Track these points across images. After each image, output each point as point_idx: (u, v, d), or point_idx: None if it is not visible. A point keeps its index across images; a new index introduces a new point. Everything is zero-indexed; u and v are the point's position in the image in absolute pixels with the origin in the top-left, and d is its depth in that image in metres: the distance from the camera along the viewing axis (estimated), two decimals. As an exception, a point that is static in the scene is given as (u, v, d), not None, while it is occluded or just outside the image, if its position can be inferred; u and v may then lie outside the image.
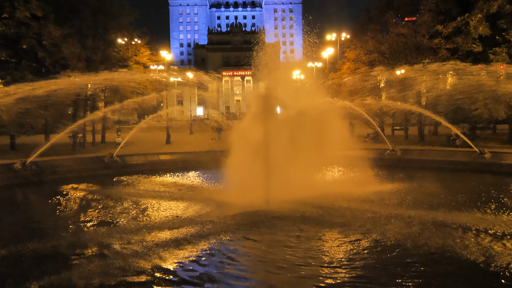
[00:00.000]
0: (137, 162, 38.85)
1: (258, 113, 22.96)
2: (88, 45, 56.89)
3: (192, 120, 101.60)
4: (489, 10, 48.60)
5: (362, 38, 62.87)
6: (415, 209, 20.51)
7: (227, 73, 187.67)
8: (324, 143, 24.10)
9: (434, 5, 52.80)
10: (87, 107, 58.96)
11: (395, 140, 52.99)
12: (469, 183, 29.32)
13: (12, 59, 51.04)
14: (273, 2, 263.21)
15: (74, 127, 42.96)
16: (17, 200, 28.36)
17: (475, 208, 20.91)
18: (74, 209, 23.71)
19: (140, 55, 70.14)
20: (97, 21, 58.09)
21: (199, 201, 23.44)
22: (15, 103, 30.33)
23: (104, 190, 27.95)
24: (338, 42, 78.40)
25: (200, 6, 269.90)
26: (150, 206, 23.14)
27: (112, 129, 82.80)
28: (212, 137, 63.42)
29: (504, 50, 49.47)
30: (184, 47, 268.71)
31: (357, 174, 29.84)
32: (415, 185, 27.30)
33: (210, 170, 31.13)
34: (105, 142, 64.03)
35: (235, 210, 20.37)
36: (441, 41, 52.97)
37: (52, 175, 33.15)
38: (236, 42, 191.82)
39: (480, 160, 34.64)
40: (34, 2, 48.24)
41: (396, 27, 57.64)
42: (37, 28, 49.48)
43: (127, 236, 17.02)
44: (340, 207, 20.98)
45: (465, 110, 44.40)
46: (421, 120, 54.50)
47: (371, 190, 24.90)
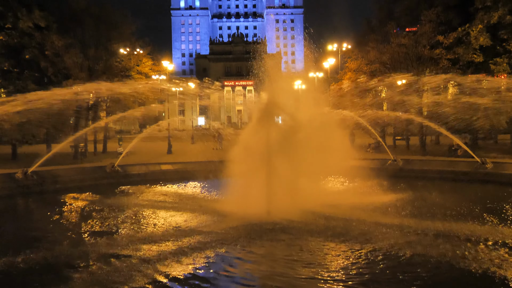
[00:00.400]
0: (139, 172, 38.80)
1: (260, 123, 22.95)
2: (90, 55, 57.18)
3: (194, 129, 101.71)
4: (490, 20, 48.78)
5: (363, 48, 63.07)
6: (418, 220, 20.39)
7: (228, 83, 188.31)
8: (326, 153, 24.07)
9: (435, 15, 53.00)
10: (89, 116, 59.13)
11: (397, 150, 53.02)
12: (471, 194, 29.21)
13: (15, 69, 51.27)
14: (275, 12, 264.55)
15: (76, 137, 43.00)
16: (18, 210, 28.31)
17: (478, 219, 20.80)
18: (75, 219, 23.66)
19: (142, 65, 70.42)
20: (100, 31, 58.46)
21: (200, 211, 23.36)
22: (18, 113, 30.43)
23: (105, 200, 27.88)
24: (339, 52, 78.68)
25: (202, 16, 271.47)
26: (151, 217, 23.07)
27: (113, 139, 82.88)
28: (213, 146, 63.43)
29: (505, 61, 49.59)
30: (186, 57, 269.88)
31: (359, 184, 29.76)
32: (417, 196, 27.19)
33: (212, 180, 31.08)
34: (107, 151, 64.11)
35: (237, 221, 20.28)
36: (442, 51, 53.10)
37: (53, 184, 33.11)
38: (238, 52, 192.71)
39: (482, 171, 34.52)
40: (37, 12, 48.60)
41: (397, 38, 57.80)
42: (40, 38, 49.77)
43: (128, 247, 16.93)
44: (343, 218, 20.85)
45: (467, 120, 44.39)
46: (422, 130, 54.47)
47: (373, 201, 24.80)
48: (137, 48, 69.16)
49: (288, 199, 21.93)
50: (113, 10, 61.40)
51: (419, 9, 55.72)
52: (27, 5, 48.86)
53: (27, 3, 49.09)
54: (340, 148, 25.63)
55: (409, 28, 61.73)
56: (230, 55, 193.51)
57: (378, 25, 62.53)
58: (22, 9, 47.95)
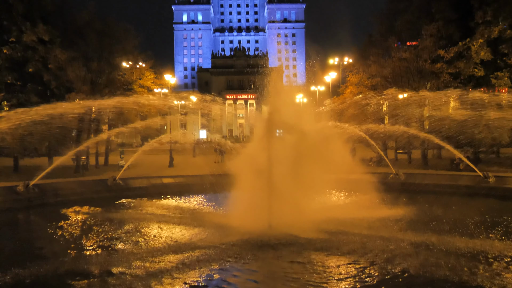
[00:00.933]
0: (140, 185, 38.74)
1: (262, 137, 22.93)
2: (93, 68, 57.43)
3: (195, 143, 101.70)
4: (490, 35, 49.03)
5: (365, 62, 63.31)
6: (420, 234, 20.23)
7: (230, 97, 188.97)
8: (327, 167, 24.00)
9: (436, 30, 53.26)
10: (91, 129, 59.18)
11: (399, 164, 52.87)
12: (474, 208, 29.01)
13: (18, 82, 51.49)
14: (276, 27, 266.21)
15: (78, 150, 43.02)
16: (18, 223, 28.24)
17: (482, 234, 20.67)
18: (76, 232, 23.56)
19: (145, 78, 70.72)
20: (103, 45, 58.76)
21: (201, 225, 23.26)
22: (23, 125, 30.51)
23: (106, 214, 27.80)
24: (340, 66, 78.97)
25: (204, 30, 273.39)
26: (152, 230, 22.98)
27: (115, 152, 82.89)
28: (215, 160, 63.39)
29: (506, 75, 49.71)
30: (188, 70, 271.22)
31: (361, 198, 29.65)
32: (419, 210, 27.00)
33: (213, 194, 31.00)
34: (108, 164, 64.07)
35: (238, 235, 20.15)
36: (443, 65, 53.26)
37: (54, 197, 33.07)
38: (240, 66, 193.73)
39: (484, 185, 34.40)
40: (41, 26, 48.96)
41: (398, 52, 58.05)
42: (44, 51, 50.08)
43: (128, 261, 16.85)
44: (345, 232, 20.69)
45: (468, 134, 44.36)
46: (424, 144, 54.38)
47: (375, 215, 24.66)
48: (140, 61, 69.52)
49: (290, 213, 21.79)
50: (116, 24, 61.83)
51: (419, 24, 56.03)
52: (31, 19, 49.25)
53: (31, 17, 49.48)
54: (342, 162, 25.56)
55: (410, 42, 62.03)
56: (232, 69, 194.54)
57: (379, 39, 62.81)
58: (26, 23, 48.34)
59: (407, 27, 59.11)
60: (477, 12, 49.50)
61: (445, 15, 53.15)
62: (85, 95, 53.82)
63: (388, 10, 63.65)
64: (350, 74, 69.11)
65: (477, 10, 49.68)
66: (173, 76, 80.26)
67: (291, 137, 23.57)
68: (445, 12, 53.04)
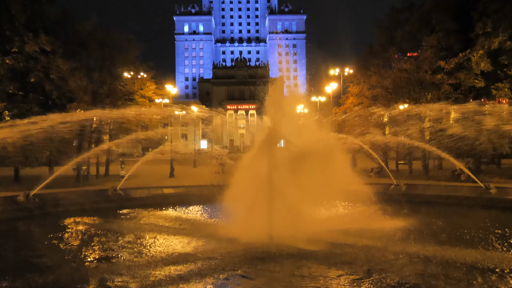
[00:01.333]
0: (141, 195, 38.66)
1: (262, 148, 22.92)
2: (94, 78, 57.64)
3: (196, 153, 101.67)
4: (490, 46, 49.21)
5: (365, 73, 63.53)
6: (422, 246, 20.12)
7: (231, 107, 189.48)
8: (328, 178, 23.93)
9: (436, 41, 53.50)
10: (92, 139, 59.23)
11: (400, 174, 52.80)
12: (475, 219, 28.93)
13: (20, 92, 51.62)
14: (277, 37, 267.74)
15: (79, 160, 42.99)
16: (19, 233, 28.13)
17: (485, 246, 20.56)
18: (76, 243, 23.49)
19: (146, 89, 70.94)
20: (104, 55, 58.99)
21: (201, 236, 23.16)
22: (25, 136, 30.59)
23: (106, 224, 27.72)
24: (341, 77, 79.27)
25: (205, 41, 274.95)
26: (152, 241, 22.90)
27: (116, 162, 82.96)
28: (215, 170, 63.33)
29: (507, 86, 49.79)
30: (189, 80, 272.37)
31: (362, 209, 29.55)
32: (420, 221, 26.90)
33: (213, 204, 30.91)
34: (109, 174, 64.02)
35: (238, 246, 20.05)
36: (444, 76, 53.40)
37: (55, 207, 32.99)
38: (241, 76, 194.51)
39: (486, 196, 34.28)
40: (43, 37, 49.23)
41: (398, 63, 58.24)
42: (45, 62, 50.31)
43: (128, 272, 16.77)
44: (346, 244, 20.57)
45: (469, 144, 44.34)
46: (425, 154, 54.33)
47: (376, 226, 24.58)
48: (141, 72, 69.79)
49: (290, 224, 21.69)
50: (118, 35, 62.20)
51: (420, 35, 56.28)
52: (33, 29, 49.56)
53: (33, 28, 49.80)
54: (342, 173, 25.50)
55: (411, 53, 62.29)
56: (233, 79, 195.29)
57: (380, 50, 63.06)
58: (29, 33, 48.62)
59: (408, 38, 59.39)
60: (477, 24, 49.76)
61: (445, 27, 53.41)
62: (86, 105, 54.00)
63: (389, 21, 63.98)
64: (351, 85, 69.34)
65: (477, 22, 49.94)
66: (174, 87, 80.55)
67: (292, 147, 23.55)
68: (445, 24, 53.33)
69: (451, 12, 54.08)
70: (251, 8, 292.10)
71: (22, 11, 48.44)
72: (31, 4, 50.64)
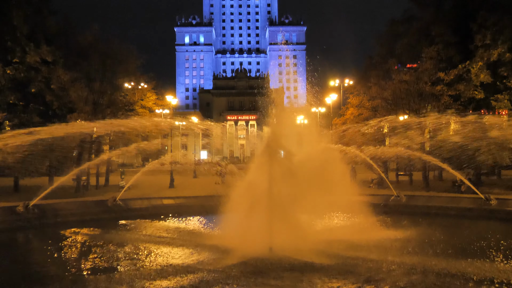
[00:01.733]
0: (140, 206, 38.59)
1: (262, 159, 22.90)
2: (95, 88, 57.70)
3: (196, 163, 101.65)
4: (490, 58, 49.35)
5: (365, 84, 63.67)
6: (423, 259, 20.02)
7: (231, 117, 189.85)
8: (328, 189, 23.91)
9: (435, 52, 53.69)
10: (92, 150, 59.20)
11: (400, 185, 52.66)
12: (476, 231, 28.84)
13: (20, 102, 51.70)
14: (278, 49, 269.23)
15: (79, 170, 42.98)
16: (17, 244, 28.03)
17: (484, 257, 20.46)
18: (75, 254, 23.39)
19: (146, 99, 71.07)
20: (105, 66, 59.14)
21: (201, 248, 23.05)
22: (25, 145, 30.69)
23: (106, 235, 27.64)
24: (341, 88, 79.49)
25: (206, 52, 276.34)
26: (151, 253, 22.79)
27: (116, 172, 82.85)
28: (215, 181, 63.21)
29: (506, 97, 49.86)
30: (189, 91, 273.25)
31: (362, 220, 29.41)
32: (421, 233, 26.81)
33: (213, 215, 30.82)
34: (109, 185, 63.89)
35: (238, 258, 19.92)
36: (443, 88, 53.51)
37: (54, 218, 32.92)
38: (241, 87, 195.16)
39: (486, 207, 34.22)
40: (45, 47, 49.44)
41: (398, 74, 58.37)
42: (46, 72, 50.45)
43: (127, 284, 16.67)
44: (347, 256, 20.44)
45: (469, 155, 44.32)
46: (425, 165, 54.26)
47: (377, 238, 24.46)
48: (142, 82, 69.96)
49: (290, 236, 21.62)
50: (119, 46, 62.41)
51: (419, 46, 56.48)
52: (35, 40, 49.79)
53: (35, 39, 50.03)
54: (342, 184, 25.50)
55: (410, 64, 62.51)
56: (233, 90, 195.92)
57: (380, 62, 63.26)
58: (30, 44, 48.82)
59: (407, 50, 59.64)
60: (476, 36, 49.97)
61: (445, 38, 53.66)
62: (87, 116, 54.07)
63: (388, 33, 64.31)
64: (351, 96, 69.47)
65: (476, 34, 50.16)
66: (174, 97, 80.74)
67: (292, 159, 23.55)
68: (445, 35, 53.57)
69: (451, 24, 54.35)
70: (251, 19, 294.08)
71: (24, 22, 48.71)
72: (33, 15, 50.95)
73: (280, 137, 23.77)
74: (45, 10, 53.03)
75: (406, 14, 61.83)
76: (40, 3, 52.42)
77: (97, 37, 58.40)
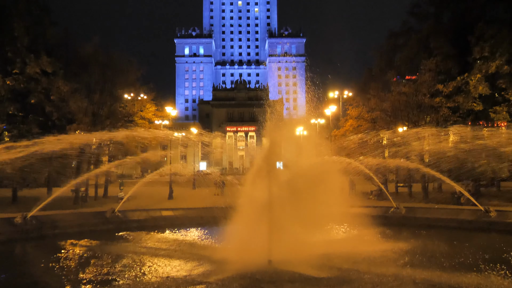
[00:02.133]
0: (139, 217, 38.42)
1: (262, 171, 22.84)
2: (95, 100, 57.72)
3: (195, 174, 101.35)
4: (488, 70, 49.56)
5: (364, 96, 63.84)
6: (423, 271, 19.90)
7: (231, 129, 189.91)
8: (328, 201, 23.84)
9: (434, 65, 53.94)
10: (91, 160, 59.08)
11: (399, 197, 52.55)
12: (476, 243, 28.69)
13: (20, 113, 51.73)
14: (277, 60, 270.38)
15: (78, 181, 42.85)
16: (15, 256, 27.83)
17: (484, 270, 20.34)
18: (73, 266, 23.21)
19: (146, 110, 71.08)
20: (105, 77, 59.19)
21: (200, 260, 22.91)
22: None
23: (104, 247, 27.48)
24: (340, 99, 79.65)
25: (205, 63, 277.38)
26: (149, 265, 22.63)
27: (115, 183, 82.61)
28: (215, 192, 63.09)
29: (505, 109, 49.97)
30: (189, 102, 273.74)
31: (362, 232, 29.31)
32: (421, 245, 26.66)
33: (212, 227, 30.70)
34: (108, 196, 63.67)
35: (237, 270, 19.77)
36: (442, 100, 53.65)
37: (52, 229, 32.74)
38: (240, 98, 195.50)
39: (486, 219, 34.11)
40: (45, 58, 49.60)
41: (397, 86, 58.59)
42: (46, 83, 50.55)
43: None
44: (346, 269, 20.30)
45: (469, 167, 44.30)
46: (425, 177, 54.17)
47: (377, 250, 24.30)
48: (142, 93, 70.01)
49: (289, 248, 21.49)
50: (120, 57, 62.52)
51: (418, 59, 56.77)
52: (35, 51, 49.97)
53: (35, 50, 50.23)
54: (340, 195, 25.44)
55: (409, 76, 62.78)
56: (233, 101, 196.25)
57: (379, 74, 63.54)
58: (30, 55, 49.01)
59: (406, 62, 59.95)
60: (475, 48, 50.24)
61: (443, 51, 53.93)
62: (86, 127, 54.08)
63: (387, 45, 64.68)
64: (350, 108, 69.63)
65: (474, 46, 50.42)
66: (174, 108, 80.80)
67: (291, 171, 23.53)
68: (443, 48, 53.86)
69: (449, 36, 54.67)
70: (251, 31, 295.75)
71: (25, 33, 48.94)
72: (34, 26, 51.23)
73: (279, 148, 23.76)
74: (46, 21, 53.27)
75: (404, 26, 62.23)
76: (41, 15, 52.72)
77: (97, 48, 58.54)
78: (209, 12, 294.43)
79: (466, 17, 54.06)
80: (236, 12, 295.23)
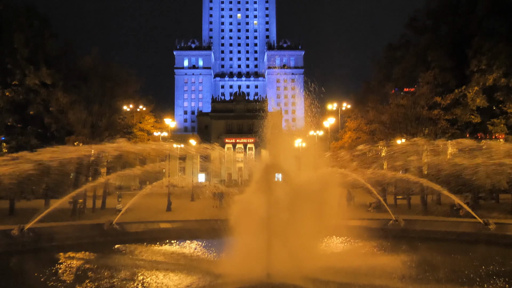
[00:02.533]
0: (137, 230, 38.21)
1: (260, 184, 22.78)
2: (94, 111, 57.66)
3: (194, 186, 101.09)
4: (485, 83, 49.79)
5: (363, 108, 64.02)
6: (423, 285, 19.79)
7: (229, 140, 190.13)
8: (326, 213, 23.78)
9: (432, 77, 54.17)
10: (89, 172, 58.90)
11: (398, 209, 52.40)
12: (475, 256, 28.57)
13: (19, 124, 51.72)
14: (276, 72, 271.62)
15: (75, 193, 42.68)
16: (11, 269, 27.61)
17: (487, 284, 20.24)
18: (69, 279, 23.02)
19: (145, 122, 71.06)
20: (105, 88, 59.16)
21: (197, 273, 22.77)
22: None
23: (102, 260, 27.30)
24: (339, 111, 79.93)
25: (204, 75, 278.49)
26: (147, 278, 22.47)
27: (113, 195, 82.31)
28: (213, 204, 62.85)
29: (502, 121, 50.13)
30: (188, 114, 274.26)
31: (360, 245, 29.20)
32: (421, 259, 26.54)
33: (210, 240, 30.56)
34: (106, 208, 63.35)
35: (235, 283, 19.66)
36: (440, 112, 53.83)
37: (49, 242, 32.53)
38: (239, 110, 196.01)
39: (485, 232, 34.00)
40: (44, 70, 49.73)
41: (395, 98, 58.81)
42: (45, 94, 50.62)
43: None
44: (345, 283, 20.19)
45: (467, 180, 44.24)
46: (423, 189, 54.10)
47: (376, 263, 24.18)
48: (141, 105, 70.05)
49: (288, 261, 21.33)
50: (119, 69, 62.61)
51: (416, 71, 57.04)
52: (34, 62, 50.12)
53: (35, 61, 50.37)
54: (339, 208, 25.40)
55: (407, 88, 62.99)
56: (232, 113, 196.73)
57: (377, 86, 63.79)
58: (30, 66, 49.15)
59: (404, 75, 60.18)
60: (472, 61, 50.52)
61: (441, 63, 54.22)
62: (85, 138, 54.05)
63: (385, 58, 65.04)
64: (349, 120, 69.75)
65: (471, 59, 50.71)
66: (173, 120, 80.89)
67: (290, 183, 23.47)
68: (441, 61, 54.16)
69: (446, 49, 55.02)
70: (250, 43, 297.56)
71: (25, 45, 49.11)
72: (34, 38, 51.42)
73: (278, 160, 23.75)
74: (46, 33, 53.48)
75: (402, 39, 62.65)
76: (41, 26, 52.97)
77: (96, 60, 58.69)
78: (208, 24, 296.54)
79: (463, 31, 54.51)
80: (235, 25, 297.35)
